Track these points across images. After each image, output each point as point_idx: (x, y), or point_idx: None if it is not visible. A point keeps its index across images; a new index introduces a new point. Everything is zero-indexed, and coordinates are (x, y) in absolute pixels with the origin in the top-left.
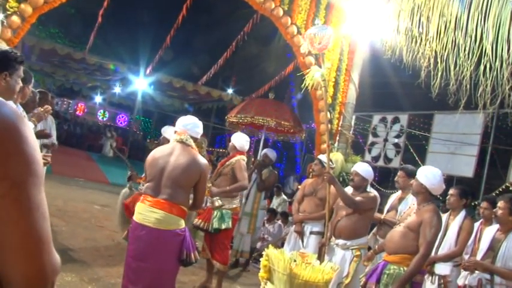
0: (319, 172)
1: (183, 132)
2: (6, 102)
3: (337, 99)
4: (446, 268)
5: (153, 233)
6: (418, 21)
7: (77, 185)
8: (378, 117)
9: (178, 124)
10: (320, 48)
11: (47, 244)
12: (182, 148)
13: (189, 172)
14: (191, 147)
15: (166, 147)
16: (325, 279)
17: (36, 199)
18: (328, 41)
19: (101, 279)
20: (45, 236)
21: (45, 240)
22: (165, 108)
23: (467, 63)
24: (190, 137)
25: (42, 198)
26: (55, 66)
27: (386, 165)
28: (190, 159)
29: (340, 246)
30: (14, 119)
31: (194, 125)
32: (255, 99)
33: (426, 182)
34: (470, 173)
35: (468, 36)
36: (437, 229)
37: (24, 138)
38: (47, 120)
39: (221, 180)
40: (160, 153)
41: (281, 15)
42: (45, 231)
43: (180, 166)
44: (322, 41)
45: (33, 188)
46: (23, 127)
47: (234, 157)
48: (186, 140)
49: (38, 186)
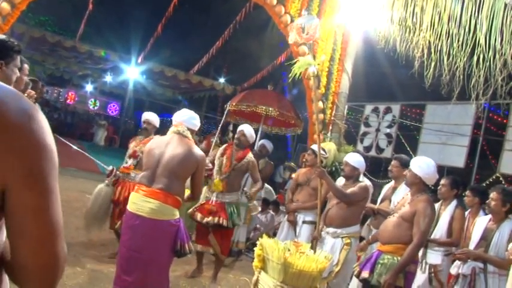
0: (312, 162)
1: (179, 124)
2: (23, 95)
3: (330, 89)
4: (437, 257)
5: (147, 223)
6: (412, 12)
7: (69, 174)
8: (370, 107)
9: (176, 117)
10: (307, 38)
11: (61, 233)
12: (179, 139)
13: (185, 163)
14: (188, 139)
15: (163, 138)
16: (319, 268)
17: (54, 187)
18: (315, 31)
19: (94, 268)
20: (60, 225)
21: (60, 229)
22: (157, 97)
23: (461, 54)
24: (188, 129)
25: (57, 187)
26: (45, 54)
27: (378, 155)
28: (187, 150)
29: (331, 234)
30: (33, 110)
31: (191, 117)
32: (254, 90)
33: (420, 172)
34: (462, 163)
35: (462, 27)
36: (430, 219)
37: (43, 127)
38: None
39: (235, 176)
40: (157, 143)
41: (275, 4)
42: (60, 220)
43: (177, 156)
44: (309, 31)
45: (51, 176)
46: (41, 117)
47: (248, 153)
48: (183, 132)
49: (55, 175)
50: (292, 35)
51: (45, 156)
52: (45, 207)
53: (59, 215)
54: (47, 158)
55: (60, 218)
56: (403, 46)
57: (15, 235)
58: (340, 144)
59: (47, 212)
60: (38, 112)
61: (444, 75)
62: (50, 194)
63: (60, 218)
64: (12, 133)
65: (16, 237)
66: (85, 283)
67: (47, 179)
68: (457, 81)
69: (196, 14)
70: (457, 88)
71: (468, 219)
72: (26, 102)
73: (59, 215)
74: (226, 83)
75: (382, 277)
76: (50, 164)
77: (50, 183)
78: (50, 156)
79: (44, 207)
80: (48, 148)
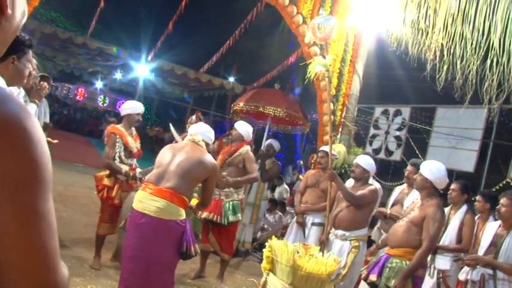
0: (326, 164)
1: (195, 134)
2: (12, 96)
3: (340, 91)
4: (446, 263)
5: (153, 222)
6: (425, 14)
7: (77, 170)
8: (380, 109)
9: (193, 129)
10: (323, 38)
11: (52, 260)
12: (193, 146)
13: (196, 167)
14: (202, 148)
15: (179, 144)
16: (328, 271)
17: (41, 209)
18: (331, 31)
19: (102, 265)
20: (50, 251)
21: (50, 255)
22: (166, 95)
23: (474, 57)
24: (203, 140)
25: (49, 208)
26: (56, 50)
27: (387, 158)
28: (199, 156)
29: (339, 237)
30: (21, 116)
31: (207, 130)
32: (261, 89)
33: (431, 176)
34: (471, 167)
35: (475, 30)
36: (440, 224)
37: (31, 139)
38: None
39: (231, 171)
40: (172, 147)
41: (287, 4)
42: (50, 245)
43: (189, 159)
44: (325, 30)
45: (39, 196)
46: (31, 126)
47: (242, 147)
48: (198, 141)
49: (45, 194)
50: (309, 34)
51: (32, 173)
52: (31, 231)
53: (49, 239)
54: (35, 175)
55: (51, 242)
56: (416, 48)
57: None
58: (349, 146)
59: (33, 237)
60: (29, 118)
61: (457, 79)
62: (37, 215)
63: (50, 243)
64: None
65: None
66: (92, 280)
67: (33, 199)
68: (469, 85)
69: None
70: (469, 92)
71: (478, 224)
72: (14, 106)
73: (47, 240)
74: (235, 82)
75: (389, 281)
76: (35, 181)
77: (38, 204)
78: (39, 172)
79: (29, 230)
80: (35, 163)
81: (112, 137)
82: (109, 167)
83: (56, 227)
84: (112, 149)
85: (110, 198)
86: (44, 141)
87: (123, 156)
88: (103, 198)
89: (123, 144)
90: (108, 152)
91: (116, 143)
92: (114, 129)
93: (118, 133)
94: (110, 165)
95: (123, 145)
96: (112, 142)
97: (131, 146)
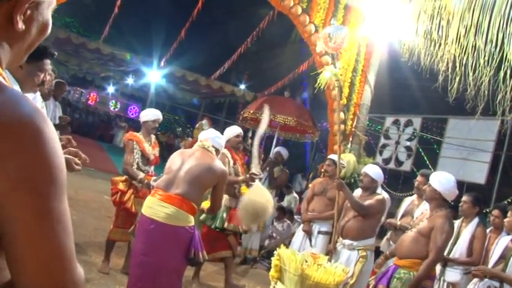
0: (333, 173)
1: (205, 140)
2: (26, 97)
3: (352, 100)
4: (456, 275)
5: (161, 228)
6: (438, 24)
7: (88, 174)
8: (391, 119)
9: (203, 135)
10: (334, 47)
11: (68, 261)
12: (203, 152)
13: (205, 173)
14: (212, 154)
15: (188, 150)
16: (337, 281)
17: (56, 211)
18: (342, 40)
19: (110, 269)
20: (66, 252)
21: (66, 256)
22: (177, 101)
23: (487, 69)
24: (213, 146)
25: (64, 209)
26: (69, 55)
27: (397, 168)
28: (209, 162)
29: (347, 247)
30: (36, 118)
31: (217, 136)
32: (271, 97)
33: (440, 187)
34: (482, 179)
35: (489, 41)
36: (448, 235)
37: (45, 141)
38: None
39: None
40: (182, 153)
41: (299, 13)
42: (66, 246)
43: (199, 165)
44: (336, 40)
45: (54, 198)
46: (46, 128)
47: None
48: (208, 147)
49: (59, 196)
50: (320, 44)
51: (47, 174)
52: (47, 233)
53: (65, 239)
54: (50, 176)
55: (67, 243)
56: (428, 59)
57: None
58: (360, 156)
59: (49, 238)
60: (44, 120)
61: (469, 90)
62: (53, 216)
63: (66, 244)
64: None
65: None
66: (100, 284)
67: (48, 201)
68: (481, 96)
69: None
70: (481, 103)
71: (489, 238)
72: (28, 108)
73: (63, 240)
74: (246, 89)
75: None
76: (50, 182)
77: (53, 205)
78: (54, 174)
79: (45, 232)
80: (50, 165)
81: (130, 144)
82: (127, 172)
83: (71, 227)
84: (130, 156)
85: (122, 203)
86: (57, 143)
87: (140, 163)
88: (115, 202)
89: (140, 151)
90: (127, 159)
91: (134, 150)
92: (131, 136)
93: (136, 140)
94: (127, 171)
95: (140, 152)
96: (130, 149)
97: (148, 153)
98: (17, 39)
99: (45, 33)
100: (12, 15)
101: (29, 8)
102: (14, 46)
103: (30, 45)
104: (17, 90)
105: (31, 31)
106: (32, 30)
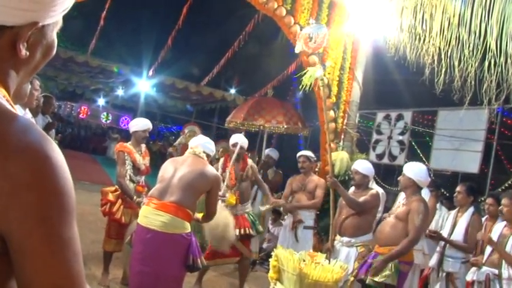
0: (308, 168)
1: (196, 146)
2: (33, 124)
3: (341, 98)
4: (455, 265)
5: (158, 237)
6: (421, 18)
7: (83, 188)
8: (382, 114)
9: (193, 142)
10: (315, 47)
11: (77, 283)
12: (195, 158)
13: (198, 179)
14: (203, 159)
15: (180, 158)
16: (335, 278)
17: (66, 236)
18: (323, 39)
19: (110, 281)
20: (75, 275)
21: (75, 279)
22: (168, 110)
23: (472, 60)
24: (203, 152)
25: (73, 234)
26: (58, 69)
27: (391, 163)
28: (201, 168)
29: (345, 244)
30: (44, 145)
31: (207, 142)
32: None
33: (414, 176)
34: (476, 169)
35: (472, 33)
36: (424, 215)
37: (54, 167)
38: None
39: (246, 186)
40: (174, 161)
41: (284, 14)
42: (75, 269)
43: (191, 172)
44: (317, 39)
45: (64, 224)
46: (54, 154)
47: (246, 159)
48: (199, 153)
49: (69, 222)
50: (299, 45)
51: (56, 201)
52: (57, 258)
53: (74, 265)
54: (59, 203)
55: (77, 268)
56: (413, 53)
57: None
58: (352, 153)
59: (59, 264)
60: (51, 146)
61: (456, 81)
62: (63, 242)
63: (75, 269)
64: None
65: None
66: None
67: (58, 227)
68: (468, 87)
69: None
70: (468, 93)
71: (485, 226)
72: (36, 135)
73: (73, 266)
74: (237, 93)
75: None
76: (59, 209)
77: (63, 231)
78: (64, 201)
79: (55, 257)
80: (60, 191)
81: (121, 155)
82: (121, 186)
83: (80, 250)
84: (123, 167)
85: (111, 213)
86: (66, 168)
87: (132, 173)
88: (105, 213)
89: (131, 161)
90: (120, 171)
91: (126, 161)
92: (122, 147)
93: (126, 151)
94: (122, 185)
95: (131, 162)
96: (122, 160)
97: (139, 164)
98: (22, 65)
99: (50, 55)
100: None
101: (33, 34)
102: (20, 71)
103: (36, 67)
104: (26, 118)
105: (35, 55)
106: (36, 55)
